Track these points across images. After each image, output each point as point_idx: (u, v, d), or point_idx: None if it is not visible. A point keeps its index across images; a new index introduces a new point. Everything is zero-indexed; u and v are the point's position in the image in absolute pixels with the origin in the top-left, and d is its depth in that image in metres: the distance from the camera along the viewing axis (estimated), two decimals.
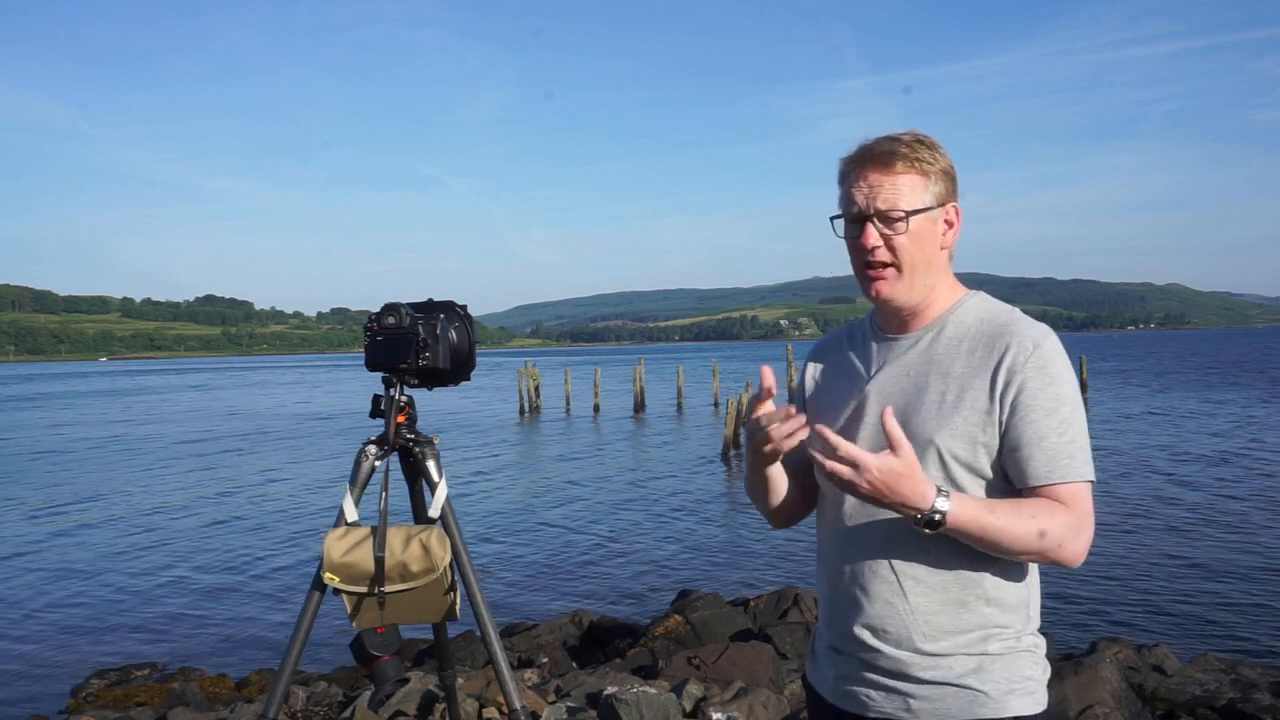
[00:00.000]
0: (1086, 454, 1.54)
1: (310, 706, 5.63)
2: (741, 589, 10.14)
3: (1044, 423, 1.52)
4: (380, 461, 2.57)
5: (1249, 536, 12.32)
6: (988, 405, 1.55)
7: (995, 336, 1.59)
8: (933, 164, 1.63)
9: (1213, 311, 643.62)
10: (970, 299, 1.69)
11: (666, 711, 4.66)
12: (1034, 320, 1.61)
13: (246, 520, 15.98)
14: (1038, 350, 1.55)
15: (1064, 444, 1.52)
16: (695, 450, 24.69)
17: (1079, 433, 1.54)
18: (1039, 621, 1.65)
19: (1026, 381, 1.53)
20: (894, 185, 1.60)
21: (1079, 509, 1.52)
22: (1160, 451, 21.24)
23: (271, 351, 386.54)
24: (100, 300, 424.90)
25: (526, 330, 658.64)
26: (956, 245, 1.69)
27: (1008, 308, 1.66)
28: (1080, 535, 1.52)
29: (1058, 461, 1.52)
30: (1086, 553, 1.54)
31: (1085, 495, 1.53)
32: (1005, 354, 1.56)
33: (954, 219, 1.66)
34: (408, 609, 2.48)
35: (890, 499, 1.47)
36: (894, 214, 1.60)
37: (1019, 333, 1.58)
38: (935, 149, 1.65)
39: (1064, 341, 1.60)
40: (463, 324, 2.64)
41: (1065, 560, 1.52)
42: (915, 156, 1.61)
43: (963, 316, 1.66)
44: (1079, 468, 1.52)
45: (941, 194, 1.63)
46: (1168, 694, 6.05)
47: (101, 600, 11.18)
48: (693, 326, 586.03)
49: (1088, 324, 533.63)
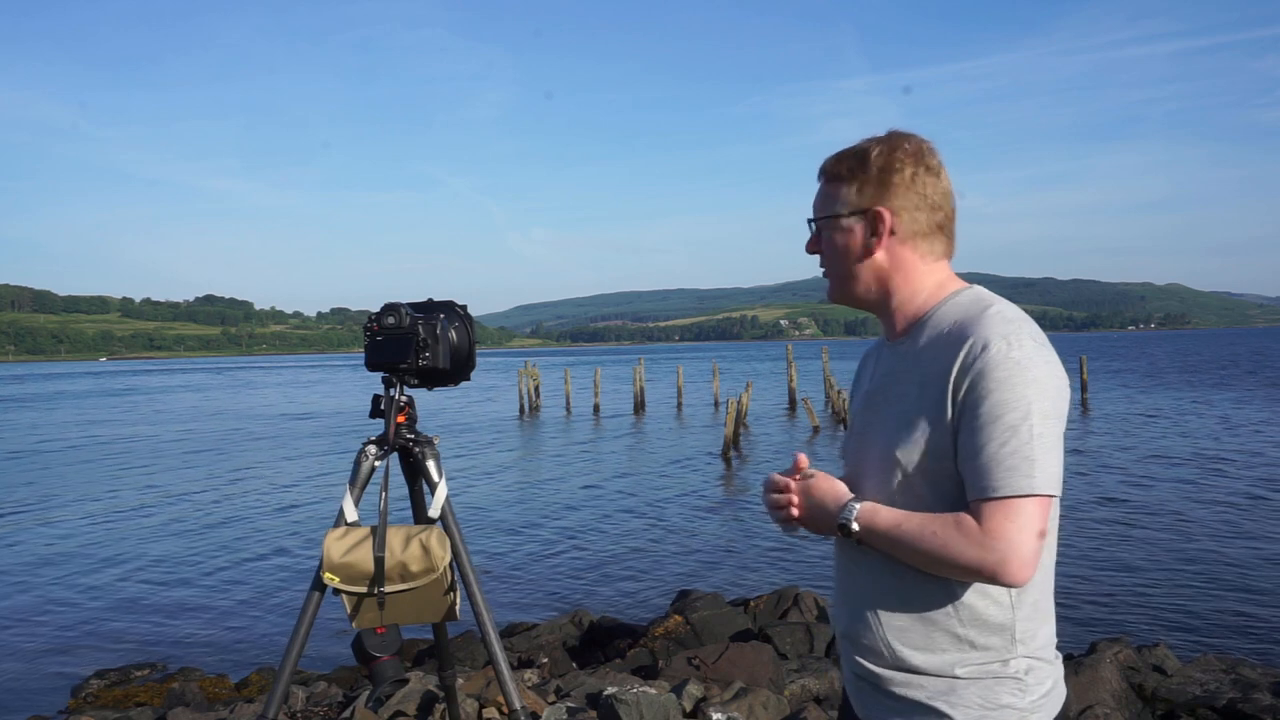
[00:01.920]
0: (1032, 466, 1.39)
1: (310, 706, 5.63)
2: (741, 589, 10.13)
3: (983, 432, 1.41)
4: (380, 461, 2.57)
5: (1249, 536, 12.31)
6: (943, 413, 1.47)
7: (958, 338, 1.49)
8: (855, 174, 1.60)
9: (1213, 311, 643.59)
10: (955, 296, 1.59)
11: (666, 712, 4.66)
12: (1006, 317, 1.49)
13: (246, 520, 15.97)
14: (985, 352, 1.43)
15: (1004, 455, 1.39)
16: (695, 450, 24.68)
17: (1024, 443, 1.39)
18: (1041, 645, 1.53)
19: (972, 386, 1.44)
20: (819, 192, 1.66)
21: (998, 526, 1.38)
22: (1159, 451, 21.23)
23: (271, 351, 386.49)
24: (100, 300, 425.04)
25: (526, 330, 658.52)
26: (951, 245, 1.63)
27: (984, 305, 1.54)
28: (991, 554, 1.38)
29: (991, 475, 1.40)
30: (1025, 573, 1.40)
31: (1016, 512, 1.38)
32: (960, 357, 1.46)
33: (879, 223, 1.59)
34: (408, 609, 2.48)
35: (812, 521, 1.60)
36: (811, 221, 1.66)
37: (975, 333, 1.47)
38: (866, 157, 1.60)
39: (1063, 342, 1.56)
40: (463, 324, 2.64)
41: (998, 581, 1.41)
42: (839, 168, 1.62)
43: (941, 318, 1.57)
44: (1015, 480, 1.38)
45: (854, 201, 1.60)
46: (1168, 694, 6.05)
47: (101, 600, 11.17)
48: (693, 326, 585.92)
49: (1088, 324, 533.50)
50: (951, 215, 1.63)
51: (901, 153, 1.59)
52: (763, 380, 55.59)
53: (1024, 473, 1.39)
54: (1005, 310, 1.52)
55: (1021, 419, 1.40)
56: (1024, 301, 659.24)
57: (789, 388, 38.53)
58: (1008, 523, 1.38)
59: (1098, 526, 13.08)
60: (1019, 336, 1.45)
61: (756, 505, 16.06)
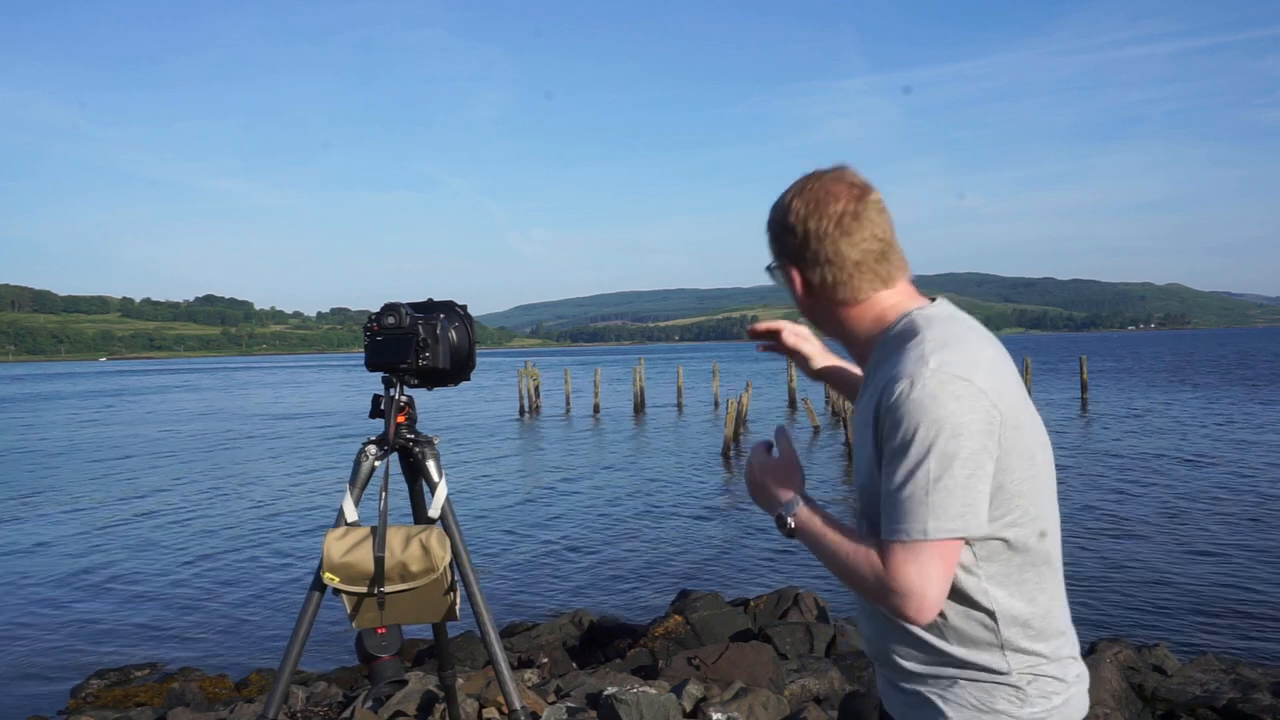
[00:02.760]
0: (928, 510, 1.38)
1: (310, 706, 5.63)
2: (741, 589, 10.14)
3: (887, 474, 1.43)
4: (380, 461, 2.57)
5: (1249, 536, 12.32)
6: (874, 452, 1.49)
7: (882, 378, 1.50)
8: (774, 224, 1.63)
9: (1213, 311, 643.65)
10: (891, 329, 1.57)
11: (666, 711, 4.66)
12: (919, 354, 1.44)
13: (246, 520, 15.98)
14: (892, 394, 1.43)
15: (901, 498, 1.40)
16: (695, 450, 24.69)
17: (919, 487, 1.38)
18: (1044, 661, 1.51)
19: (885, 428, 1.44)
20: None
21: (896, 567, 1.40)
22: (1158, 451, 21.22)
23: (271, 351, 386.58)
24: (100, 300, 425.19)
25: (526, 330, 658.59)
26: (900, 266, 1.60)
27: (906, 339, 1.51)
28: (889, 596, 1.41)
29: (889, 516, 1.42)
30: (925, 614, 1.41)
31: (912, 555, 1.39)
32: (878, 399, 1.47)
33: (792, 280, 1.62)
34: (408, 609, 2.48)
35: (755, 498, 1.68)
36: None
37: (890, 373, 1.46)
38: (791, 209, 1.59)
39: (1063, 342, 1.54)
40: (463, 324, 2.64)
41: (900, 617, 1.44)
42: (770, 218, 1.64)
43: (879, 354, 1.57)
44: (910, 525, 1.39)
45: (775, 254, 1.65)
46: (1168, 694, 6.06)
47: (101, 601, 11.18)
48: (693, 326, 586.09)
49: (1088, 324, 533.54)
50: (885, 243, 1.57)
51: (812, 206, 1.57)
52: (763, 380, 55.60)
53: (919, 518, 1.39)
54: (925, 342, 1.47)
55: (918, 462, 1.39)
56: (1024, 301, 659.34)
57: (789, 388, 38.54)
58: (907, 566, 1.40)
59: (1097, 527, 13.08)
60: (922, 376, 1.41)
61: (756, 506, 16.06)
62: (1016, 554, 1.49)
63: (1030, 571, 1.51)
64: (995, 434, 1.42)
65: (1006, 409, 1.44)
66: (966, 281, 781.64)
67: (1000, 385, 1.45)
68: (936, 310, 1.56)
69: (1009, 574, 1.49)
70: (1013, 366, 1.55)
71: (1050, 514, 1.54)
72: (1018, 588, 1.50)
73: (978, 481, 1.40)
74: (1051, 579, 1.54)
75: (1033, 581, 1.51)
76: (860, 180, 1.59)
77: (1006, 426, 1.44)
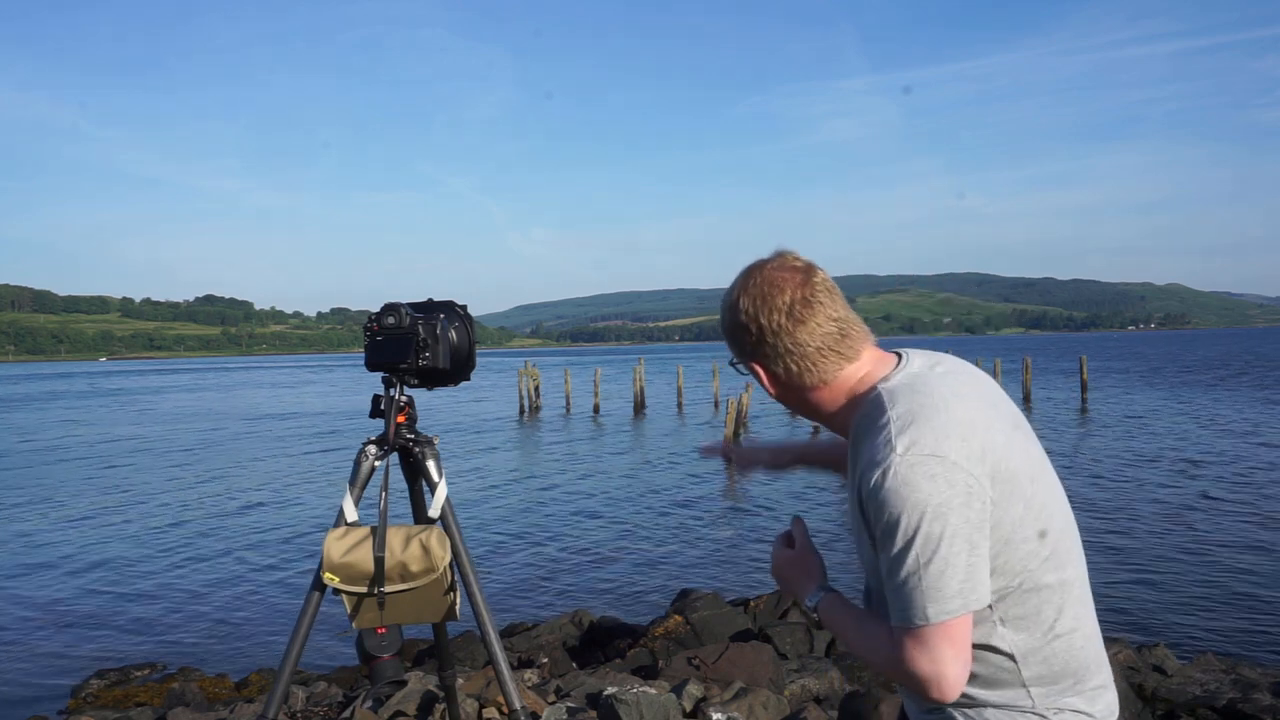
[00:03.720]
0: (925, 597, 1.38)
1: (310, 706, 5.63)
2: (741, 589, 10.14)
3: (883, 563, 1.43)
4: (380, 461, 2.57)
5: (1249, 536, 12.32)
6: (867, 536, 1.48)
7: (858, 464, 1.49)
8: (728, 323, 1.62)
9: (1213, 311, 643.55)
10: (861, 409, 1.55)
11: (666, 712, 4.66)
12: (886, 439, 1.43)
13: (246, 520, 15.98)
14: (869, 486, 1.42)
15: (898, 588, 1.40)
16: (695, 450, 24.68)
17: (911, 573, 1.38)
18: (1071, 700, 1.50)
19: (869, 519, 1.44)
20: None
21: (909, 654, 1.41)
22: (1158, 451, 21.23)
23: (271, 351, 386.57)
24: (100, 300, 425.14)
25: (526, 330, 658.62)
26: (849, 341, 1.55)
27: (875, 418, 1.48)
28: (910, 680, 1.42)
29: (894, 606, 1.42)
30: (948, 694, 1.41)
31: (921, 641, 1.39)
32: (859, 489, 1.47)
33: (757, 376, 1.63)
34: (408, 609, 2.48)
35: (781, 588, 1.74)
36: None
37: (862, 460, 1.46)
38: (741, 307, 1.57)
39: (1064, 342, 1.53)
40: (463, 324, 2.64)
41: (921, 695, 1.44)
42: (722, 317, 1.64)
43: (853, 436, 1.56)
44: (911, 614, 1.39)
45: (736, 353, 1.64)
46: (1168, 694, 6.06)
47: (101, 600, 11.18)
48: (693, 326, 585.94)
49: (1088, 324, 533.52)
50: (841, 321, 1.54)
51: (760, 302, 1.55)
52: None
53: (917, 605, 1.39)
54: (890, 424, 1.44)
55: (905, 550, 1.38)
56: (1024, 301, 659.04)
57: None
58: (917, 653, 1.40)
59: (1096, 527, 13.08)
60: (890, 464, 1.39)
61: (756, 505, 16.08)
62: (1031, 593, 1.47)
63: (1049, 608, 1.48)
64: (981, 501, 1.40)
65: (990, 468, 1.42)
66: (966, 281, 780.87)
67: (975, 448, 1.41)
68: (899, 379, 1.52)
69: (1025, 615, 1.47)
70: (992, 401, 1.53)
71: (1072, 551, 1.52)
72: (1036, 625, 1.48)
73: (970, 555, 1.39)
74: (1074, 607, 1.51)
75: (1051, 616, 1.49)
76: (803, 263, 1.57)
77: (997, 482, 1.42)
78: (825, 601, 1.60)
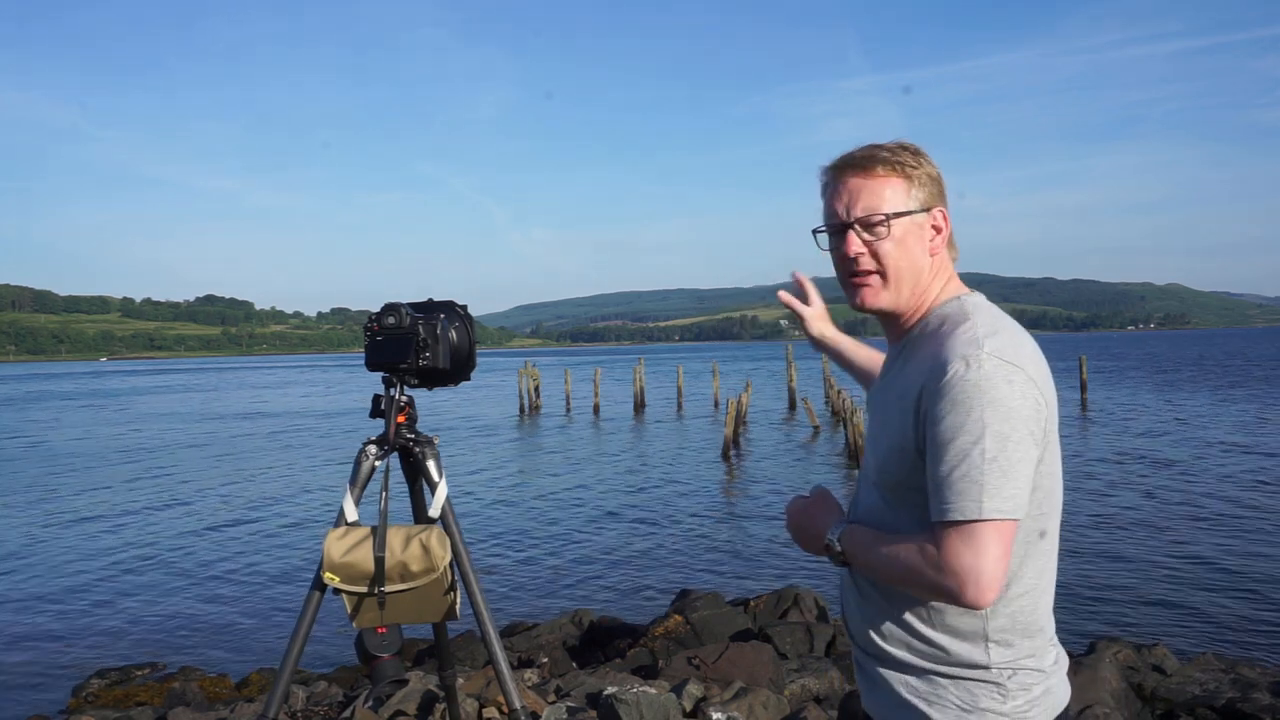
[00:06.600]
0: (983, 491, 1.36)
1: (310, 706, 5.63)
2: (741, 589, 10.14)
3: (938, 456, 1.41)
4: (380, 461, 2.57)
5: (1248, 536, 12.32)
6: (911, 432, 1.47)
7: (928, 356, 1.49)
8: (916, 168, 1.57)
9: (1213, 311, 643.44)
10: (943, 306, 1.58)
11: (666, 711, 4.66)
12: (972, 336, 1.45)
13: (246, 520, 15.98)
14: (944, 374, 1.42)
15: (955, 479, 1.38)
16: (695, 450, 24.68)
17: (974, 467, 1.37)
18: (1025, 654, 1.51)
19: (931, 409, 1.43)
20: (874, 190, 1.57)
21: (952, 551, 1.37)
22: (1157, 451, 21.24)
23: (271, 351, 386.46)
24: (100, 300, 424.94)
25: (526, 330, 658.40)
26: (958, 250, 1.65)
27: (958, 320, 1.52)
28: (950, 577, 1.38)
29: (944, 499, 1.39)
30: (986, 596, 1.37)
31: (969, 536, 1.37)
32: (924, 378, 1.46)
33: (941, 224, 1.60)
34: (408, 609, 2.48)
35: (798, 539, 1.68)
36: (874, 218, 1.56)
37: (940, 353, 1.46)
38: (920, 154, 1.59)
39: (1063, 342, 1.55)
40: (463, 324, 2.64)
41: (959, 603, 1.40)
42: (897, 160, 1.57)
43: (924, 328, 1.57)
44: (966, 505, 1.37)
45: (925, 199, 1.58)
46: (1167, 694, 6.06)
47: (102, 600, 11.18)
48: (693, 326, 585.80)
49: (1088, 324, 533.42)
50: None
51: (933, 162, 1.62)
52: (763, 380, 55.60)
53: (973, 497, 1.37)
54: (977, 326, 1.48)
55: (973, 442, 1.38)
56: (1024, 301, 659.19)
57: (789, 388, 38.51)
58: (963, 547, 1.37)
59: (1096, 526, 13.08)
60: (977, 358, 1.41)
61: (756, 505, 16.08)
62: (1022, 545, 1.49)
63: (1029, 564, 1.51)
64: (1042, 423, 1.45)
65: (1049, 400, 1.47)
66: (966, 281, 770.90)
67: (1044, 376, 1.48)
68: (982, 299, 1.60)
69: (1010, 565, 1.47)
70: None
71: (1058, 510, 1.56)
72: (1015, 579, 1.50)
73: (1027, 466, 1.41)
74: (1049, 571, 1.55)
75: (1031, 574, 1.51)
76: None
77: (1049, 419, 1.47)
78: (848, 530, 1.58)
